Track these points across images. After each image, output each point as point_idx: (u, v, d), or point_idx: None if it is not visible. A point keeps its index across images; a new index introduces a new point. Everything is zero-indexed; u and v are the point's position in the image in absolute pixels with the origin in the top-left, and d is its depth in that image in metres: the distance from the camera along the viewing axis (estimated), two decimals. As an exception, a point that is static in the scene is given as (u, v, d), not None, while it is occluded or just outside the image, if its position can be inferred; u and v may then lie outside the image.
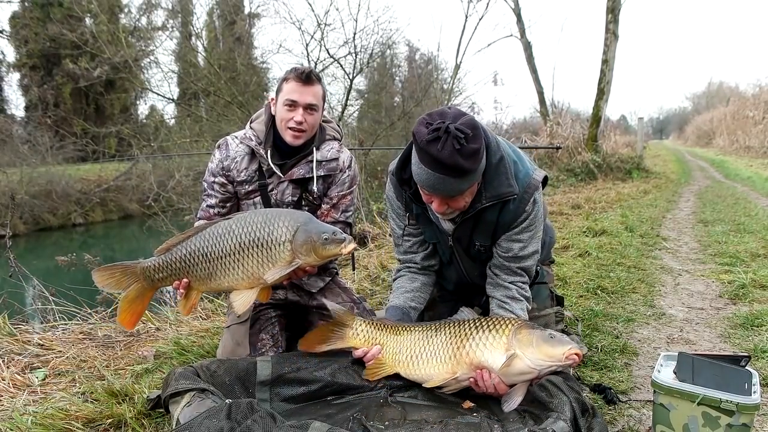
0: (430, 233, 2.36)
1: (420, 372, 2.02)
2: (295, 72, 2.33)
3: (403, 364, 2.05)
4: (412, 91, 18.49)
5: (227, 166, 2.42)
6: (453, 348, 1.95)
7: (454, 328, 1.99)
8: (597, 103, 14.50)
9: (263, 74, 19.17)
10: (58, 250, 12.53)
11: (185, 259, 2.11)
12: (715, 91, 53.70)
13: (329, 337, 2.14)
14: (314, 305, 2.56)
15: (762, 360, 2.57)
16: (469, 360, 1.92)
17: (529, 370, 1.83)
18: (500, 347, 1.88)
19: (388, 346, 2.08)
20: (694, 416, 1.76)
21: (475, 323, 1.97)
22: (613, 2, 14.11)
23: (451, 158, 1.85)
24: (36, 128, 22.30)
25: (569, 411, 1.66)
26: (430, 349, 2.00)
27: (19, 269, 4.59)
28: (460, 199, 2.03)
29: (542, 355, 1.81)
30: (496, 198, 2.09)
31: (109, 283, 2.18)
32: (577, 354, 1.78)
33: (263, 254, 2.04)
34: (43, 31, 23.35)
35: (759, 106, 24.06)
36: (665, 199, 9.64)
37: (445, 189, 1.95)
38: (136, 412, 2.07)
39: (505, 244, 2.22)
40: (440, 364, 1.98)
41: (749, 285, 3.78)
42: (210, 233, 2.12)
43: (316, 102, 2.33)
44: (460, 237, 2.27)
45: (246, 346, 2.40)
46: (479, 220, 2.18)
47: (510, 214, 2.16)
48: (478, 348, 1.92)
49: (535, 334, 1.86)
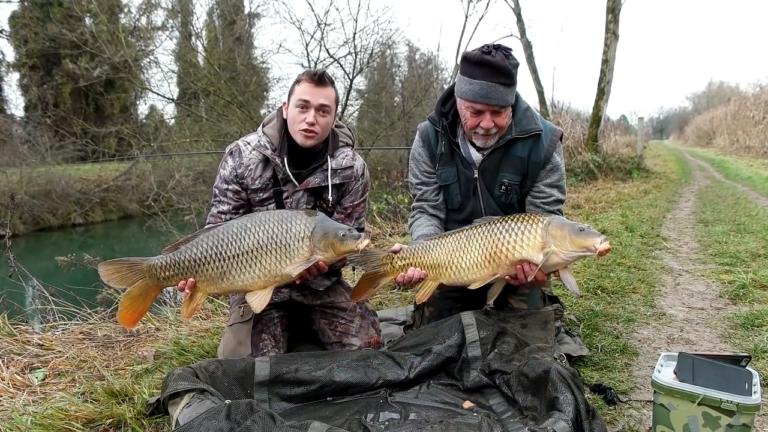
0: (448, 173, 2.53)
1: (462, 278, 2.18)
2: (308, 73, 2.33)
3: (444, 274, 2.20)
4: (412, 91, 18.49)
5: (241, 173, 2.39)
6: (490, 251, 2.11)
7: (486, 231, 2.13)
8: (597, 103, 14.48)
9: (263, 74, 19.18)
10: (57, 250, 12.53)
11: (196, 258, 2.10)
12: (716, 91, 53.67)
13: (373, 280, 2.28)
14: (317, 304, 2.57)
15: (762, 360, 2.57)
16: (509, 261, 2.09)
17: (564, 262, 2.04)
18: (536, 245, 2.04)
19: (425, 263, 2.22)
20: (695, 416, 1.75)
21: (505, 224, 2.11)
22: (613, 2, 14.10)
23: (504, 63, 2.21)
24: (36, 128, 22.30)
25: (572, 411, 1.65)
26: (467, 256, 2.15)
27: (19, 269, 4.58)
28: (504, 115, 2.33)
29: (575, 247, 2.00)
30: (525, 132, 2.39)
31: (114, 278, 2.15)
32: (607, 248, 1.97)
33: (282, 251, 2.08)
34: (43, 31, 23.33)
35: (759, 106, 24.05)
36: (665, 199, 9.64)
37: (497, 97, 2.24)
38: (136, 413, 2.06)
39: (548, 190, 2.47)
40: (480, 268, 2.14)
41: (749, 285, 3.78)
42: (223, 232, 2.12)
43: (328, 104, 2.33)
44: (487, 168, 2.46)
45: (248, 345, 2.40)
46: (508, 152, 2.43)
47: (541, 152, 2.42)
48: (515, 249, 2.07)
49: (566, 228, 2.04)
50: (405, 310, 3.29)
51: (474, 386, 2.12)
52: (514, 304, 2.59)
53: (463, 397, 2.09)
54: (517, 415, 1.91)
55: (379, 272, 2.27)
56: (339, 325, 2.54)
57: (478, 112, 2.31)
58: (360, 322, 2.55)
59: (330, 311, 2.57)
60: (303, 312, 2.64)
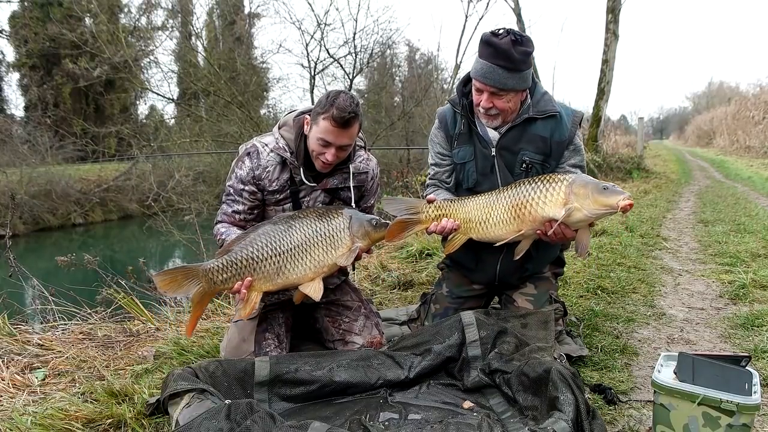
0: (465, 152, 2.55)
1: (490, 234, 2.28)
2: (335, 115, 2.23)
3: (474, 229, 2.30)
4: (412, 91, 18.49)
5: (258, 175, 2.41)
6: (515, 208, 2.20)
7: (514, 189, 2.23)
8: (597, 103, 14.47)
9: (263, 74, 19.20)
10: (57, 250, 12.54)
11: (253, 257, 2.18)
12: (716, 91, 53.65)
13: (407, 225, 2.37)
14: (323, 301, 2.58)
15: (762, 360, 2.57)
16: (532, 218, 2.17)
17: (588, 219, 2.10)
18: (559, 202, 2.11)
19: (458, 216, 2.33)
20: (695, 416, 1.75)
21: (532, 183, 2.19)
22: (613, 2, 14.09)
23: (507, 46, 2.24)
24: (36, 128, 22.26)
25: (573, 411, 1.65)
26: (495, 213, 2.25)
27: (19, 269, 4.58)
28: (505, 98, 2.35)
29: (598, 205, 2.05)
30: (542, 113, 2.44)
31: (171, 287, 2.17)
32: (630, 203, 2.01)
33: (328, 242, 2.26)
34: (43, 31, 23.32)
35: (759, 106, 24.04)
36: (665, 199, 9.63)
37: (494, 78, 2.28)
38: (136, 413, 2.06)
39: (572, 171, 2.45)
40: (506, 225, 2.23)
41: (749, 285, 3.77)
42: (272, 230, 2.22)
43: (349, 142, 2.36)
44: (505, 147, 2.48)
45: (251, 342, 2.42)
46: (527, 131, 2.46)
47: (565, 131, 2.46)
48: (539, 206, 2.15)
49: (589, 186, 2.08)
50: (405, 310, 3.29)
51: (474, 386, 2.12)
52: (521, 303, 2.60)
53: (463, 397, 2.09)
54: (517, 415, 1.91)
55: (413, 219, 2.36)
56: (343, 323, 2.56)
57: (479, 90, 2.38)
58: (364, 322, 2.57)
59: (335, 309, 2.60)
60: (307, 310, 2.66)
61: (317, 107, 2.32)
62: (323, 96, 2.35)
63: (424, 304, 2.82)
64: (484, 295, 2.78)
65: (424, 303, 2.83)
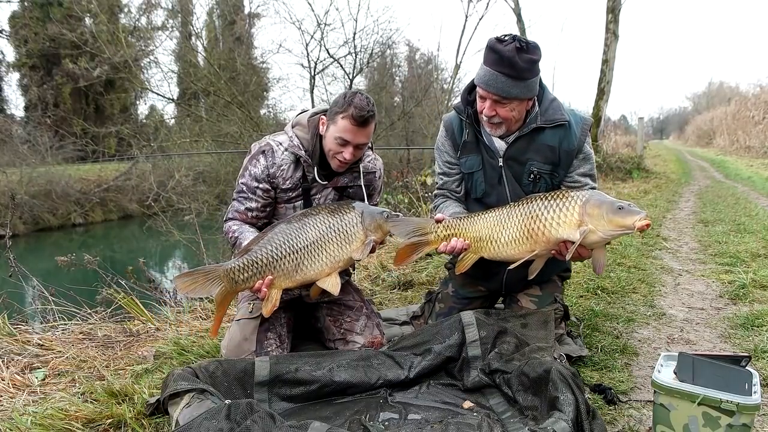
0: (473, 161, 2.51)
1: (501, 253, 2.20)
2: (353, 114, 2.29)
3: (485, 248, 2.23)
4: (412, 91, 18.49)
5: (272, 173, 2.45)
6: (528, 228, 2.11)
7: (526, 207, 2.14)
8: (597, 103, 14.48)
9: (263, 74, 19.19)
10: (57, 250, 12.54)
11: (273, 255, 2.21)
12: (716, 91, 53.66)
13: (416, 248, 2.32)
14: (325, 301, 2.61)
15: (762, 360, 2.57)
16: (546, 239, 2.09)
17: (603, 240, 2.04)
18: (573, 224, 2.03)
19: (468, 235, 2.25)
20: (695, 416, 1.75)
21: (545, 200, 2.11)
22: (613, 2, 14.09)
23: (511, 53, 2.17)
24: (36, 128, 22.27)
25: (573, 411, 1.65)
26: (507, 231, 2.17)
27: (19, 269, 4.58)
28: (508, 106, 2.29)
29: (614, 226, 1.97)
30: (550, 122, 2.37)
31: (192, 289, 2.19)
32: (647, 224, 1.93)
33: (342, 237, 2.30)
34: (43, 31, 23.31)
35: (759, 106, 24.03)
36: (665, 199, 9.63)
37: (497, 86, 2.23)
38: (136, 413, 2.06)
39: (582, 179, 2.45)
40: (519, 244, 2.15)
41: (749, 285, 3.77)
42: (288, 228, 2.27)
43: (366, 141, 2.41)
44: (513, 157, 2.43)
45: (253, 341, 2.42)
46: (535, 141, 2.40)
47: (574, 140, 2.40)
48: (552, 227, 2.07)
49: (604, 206, 1.99)
50: (405, 310, 3.29)
51: (474, 386, 2.12)
52: (524, 304, 2.60)
53: (463, 397, 2.09)
54: (517, 415, 1.91)
55: (422, 241, 2.31)
56: (344, 323, 2.57)
57: (482, 98, 2.33)
58: (365, 322, 2.58)
59: (337, 308, 2.62)
60: (308, 310, 2.67)
61: (334, 107, 2.36)
62: (340, 96, 2.39)
63: (429, 302, 2.82)
64: (489, 296, 2.78)
65: (429, 301, 2.82)
